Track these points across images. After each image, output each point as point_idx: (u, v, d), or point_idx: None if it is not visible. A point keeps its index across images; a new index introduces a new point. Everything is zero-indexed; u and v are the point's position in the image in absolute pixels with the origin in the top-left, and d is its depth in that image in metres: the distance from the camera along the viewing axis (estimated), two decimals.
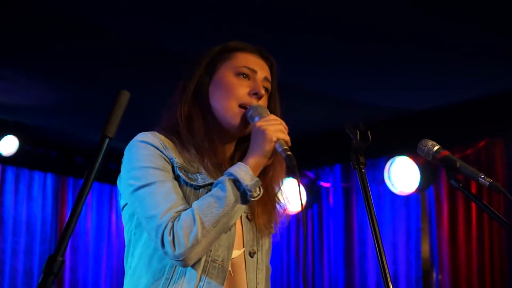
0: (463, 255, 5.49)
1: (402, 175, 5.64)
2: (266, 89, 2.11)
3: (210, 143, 2.03)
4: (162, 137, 2.00)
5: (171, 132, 2.03)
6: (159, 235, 1.85)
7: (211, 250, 1.93)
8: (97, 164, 1.31)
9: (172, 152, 1.97)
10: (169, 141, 2.00)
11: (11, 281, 6.49)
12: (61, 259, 1.24)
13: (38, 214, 6.74)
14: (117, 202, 7.45)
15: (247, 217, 2.06)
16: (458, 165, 1.94)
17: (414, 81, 4.98)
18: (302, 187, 1.96)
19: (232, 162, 2.08)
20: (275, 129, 1.94)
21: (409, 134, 5.36)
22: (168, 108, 2.11)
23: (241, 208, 1.91)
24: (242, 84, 2.06)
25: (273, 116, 1.99)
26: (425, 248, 5.76)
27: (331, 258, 6.32)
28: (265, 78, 2.11)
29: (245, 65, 2.09)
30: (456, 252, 5.53)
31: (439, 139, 2.06)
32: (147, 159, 1.94)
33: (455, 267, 5.52)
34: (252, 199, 1.90)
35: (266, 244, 2.12)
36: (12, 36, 4.41)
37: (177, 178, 1.96)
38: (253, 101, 2.05)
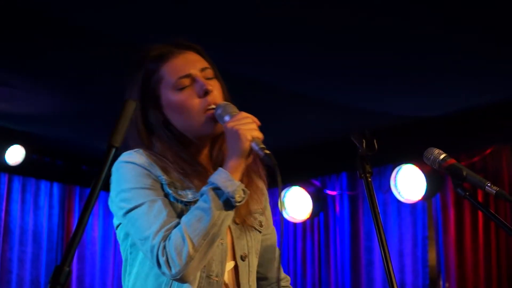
0: (470, 263, 5.47)
1: (409, 183, 5.63)
2: (210, 78, 2.00)
3: (185, 162, 1.96)
4: (147, 154, 1.94)
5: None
6: (154, 257, 1.83)
7: (205, 266, 1.90)
8: (104, 174, 1.32)
9: (159, 170, 1.92)
10: (155, 158, 1.94)
11: None
12: (67, 269, 1.24)
13: (45, 223, 6.74)
14: None
15: (234, 222, 1.99)
16: (464, 173, 1.94)
17: (420, 89, 4.98)
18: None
19: (213, 163, 2.03)
20: (248, 128, 1.85)
21: (415, 142, 5.35)
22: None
23: (230, 215, 1.86)
24: (190, 94, 1.97)
25: (243, 114, 1.89)
26: (432, 256, 5.74)
27: (338, 266, 6.30)
28: (202, 69, 2.00)
29: (177, 77, 1.98)
30: (463, 260, 5.51)
31: (445, 147, 2.06)
32: (135, 180, 1.90)
33: (462, 275, 5.50)
34: (237, 204, 1.84)
35: (257, 241, 2.07)
36: (19, 44, 4.43)
37: (167, 196, 1.91)
38: (209, 100, 1.95)
